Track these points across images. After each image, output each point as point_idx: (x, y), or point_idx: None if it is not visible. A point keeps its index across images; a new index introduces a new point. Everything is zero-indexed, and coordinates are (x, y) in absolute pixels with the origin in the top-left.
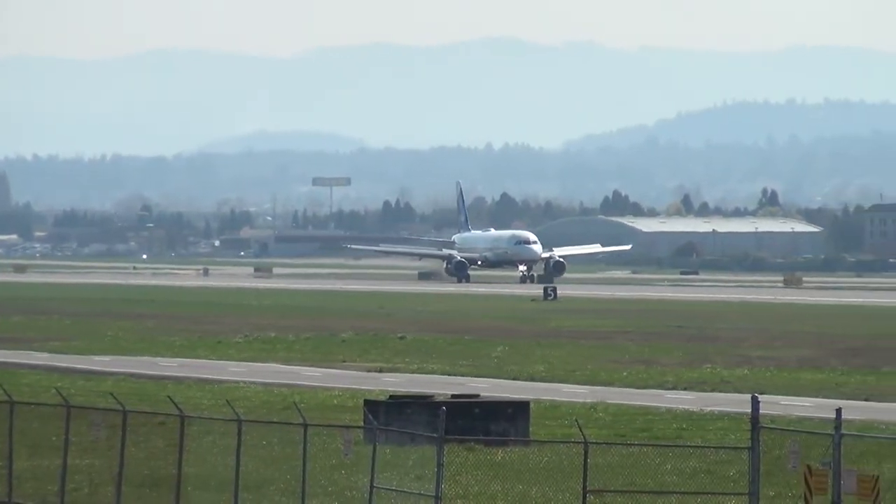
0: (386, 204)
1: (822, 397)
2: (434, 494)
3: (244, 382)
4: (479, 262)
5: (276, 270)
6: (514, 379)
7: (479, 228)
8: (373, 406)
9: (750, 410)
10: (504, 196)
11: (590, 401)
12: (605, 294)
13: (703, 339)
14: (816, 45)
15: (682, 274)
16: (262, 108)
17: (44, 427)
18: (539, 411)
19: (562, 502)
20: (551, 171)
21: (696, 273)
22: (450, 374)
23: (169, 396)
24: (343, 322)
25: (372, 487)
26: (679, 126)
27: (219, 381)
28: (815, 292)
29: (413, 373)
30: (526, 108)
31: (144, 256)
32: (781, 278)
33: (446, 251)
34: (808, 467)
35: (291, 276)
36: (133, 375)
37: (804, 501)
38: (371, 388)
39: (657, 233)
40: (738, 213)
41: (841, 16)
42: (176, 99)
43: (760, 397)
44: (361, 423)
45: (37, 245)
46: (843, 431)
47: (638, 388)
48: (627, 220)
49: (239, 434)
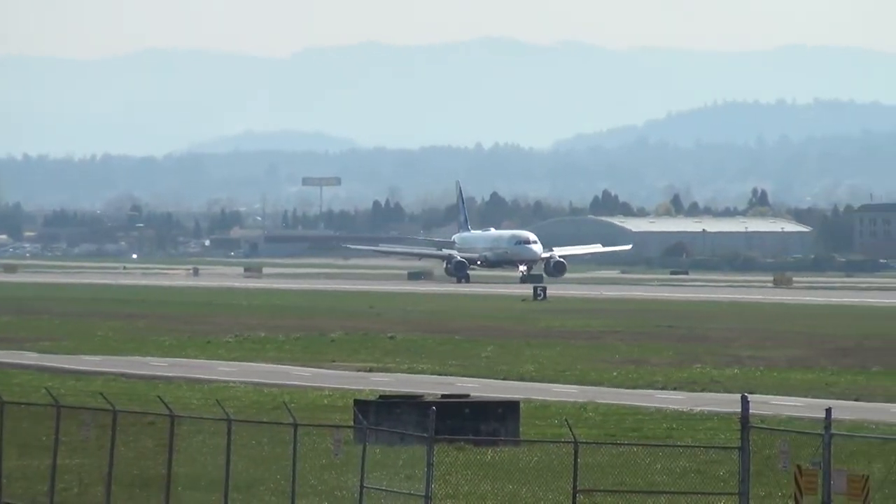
0: (376, 204)
1: (812, 397)
2: (424, 494)
3: (234, 382)
4: (479, 263)
5: (265, 270)
6: (504, 379)
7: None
8: (363, 406)
9: (740, 410)
10: (494, 196)
11: (580, 401)
12: (594, 294)
13: (694, 338)
14: (806, 45)
15: (672, 274)
16: (252, 108)
17: (34, 427)
18: (529, 411)
19: (552, 502)
20: (541, 170)
21: (686, 273)
22: (440, 374)
23: (159, 396)
24: (333, 322)
25: (362, 487)
26: (669, 126)
27: (209, 381)
28: (805, 292)
29: (403, 373)
30: (516, 107)
31: (134, 256)
32: (771, 278)
33: (446, 251)
34: (798, 467)
35: (281, 276)
36: (123, 375)
37: (794, 501)
38: (361, 387)
39: (647, 233)
40: (728, 213)
41: (833, 16)
42: (166, 99)
43: (750, 397)
44: (351, 423)
45: (27, 245)
46: (833, 431)
47: (628, 387)
48: (617, 220)
49: (229, 434)
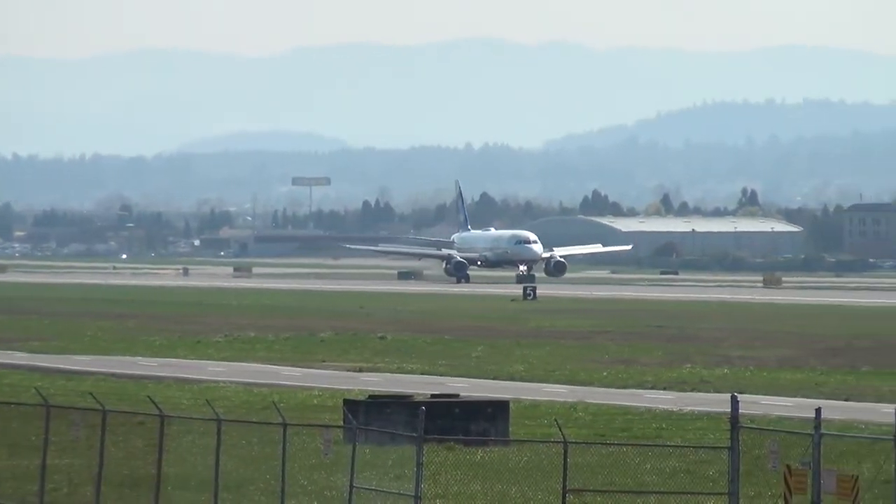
0: (365, 204)
1: (802, 397)
2: (414, 494)
3: (224, 382)
4: (479, 263)
5: (255, 270)
6: (494, 379)
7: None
8: (352, 406)
9: (730, 410)
10: (484, 196)
11: (570, 400)
12: (584, 294)
13: (683, 338)
14: (796, 45)
15: (661, 274)
16: (242, 108)
17: (23, 427)
18: (519, 411)
19: (541, 502)
20: (531, 170)
21: (675, 273)
22: (429, 374)
23: (149, 396)
24: (323, 322)
25: (351, 487)
26: (659, 126)
27: (198, 381)
28: (795, 292)
29: (393, 372)
30: (506, 108)
31: (124, 256)
32: (761, 278)
33: (445, 251)
34: (788, 467)
35: (271, 276)
36: (113, 375)
37: (784, 501)
38: (350, 387)
39: (637, 232)
40: (718, 213)
41: (823, 16)
42: (155, 99)
43: (740, 397)
44: (341, 423)
45: (16, 245)
46: (823, 431)
47: (618, 387)
48: (607, 220)
49: (218, 434)
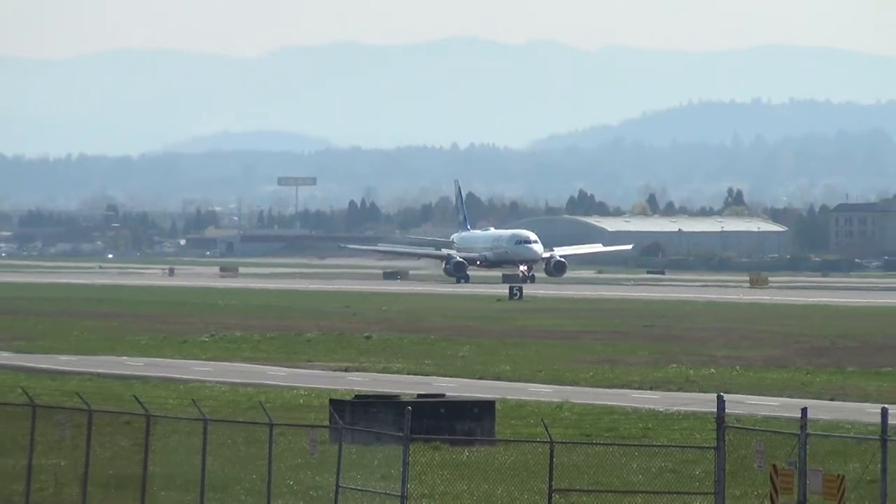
0: (351, 203)
1: (788, 397)
2: (400, 494)
3: (210, 382)
4: (479, 262)
5: (241, 270)
6: (480, 378)
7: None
8: (338, 405)
9: (716, 410)
10: (469, 196)
11: (556, 400)
12: (570, 293)
13: (669, 338)
14: (782, 44)
15: (648, 273)
16: (228, 108)
17: (9, 426)
18: (505, 411)
19: (528, 502)
20: (517, 170)
21: (662, 272)
22: (416, 374)
23: (135, 396)
24: (309, 321)
25: (338, 487)
26: (645, 126)
27: (184, 381)
28: (781, 292)
29: (379, 372)
30: (492, 107)
31: (110, 256)
32: (747, 278)
33: (445, 251)
34: (774, 467)
35: (257, 276)
36: (99, 375)
37: (770, 501)
38: (337, 387)
39: (623, 232)
40: (704, 213)
41: (807, 16)
42: (141, 99)
43: (726, 397)
44: (327, 423)
45: (2, 245)
46: (809, 431)
47: (604, 387)
48: (593, 220)
49: (205, 433)
